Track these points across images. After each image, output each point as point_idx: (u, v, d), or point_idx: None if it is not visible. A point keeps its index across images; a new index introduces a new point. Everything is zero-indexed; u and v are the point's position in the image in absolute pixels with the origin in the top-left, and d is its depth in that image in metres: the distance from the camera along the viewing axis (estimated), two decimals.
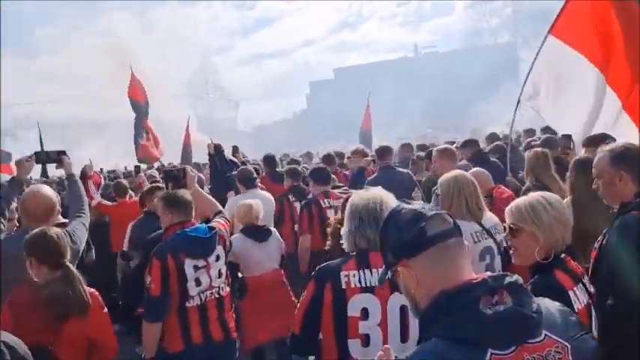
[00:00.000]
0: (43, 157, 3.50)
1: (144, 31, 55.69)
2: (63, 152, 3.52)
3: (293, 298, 4.31)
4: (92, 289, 2.64)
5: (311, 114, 63.81)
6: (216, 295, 3.14)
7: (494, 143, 6.72)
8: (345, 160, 8.45)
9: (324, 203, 4.81)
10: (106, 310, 2.67)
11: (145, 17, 63.02)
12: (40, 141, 12.47)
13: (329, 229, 2.89)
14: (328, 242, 2.90)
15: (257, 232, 4.21)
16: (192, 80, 56.12)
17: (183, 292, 3.00)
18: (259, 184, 5.89)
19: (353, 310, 2.07)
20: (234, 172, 5.81)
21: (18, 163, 3.38)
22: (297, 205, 5.41)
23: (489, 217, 3.09)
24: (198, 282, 3.04)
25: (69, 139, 33.00)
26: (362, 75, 60.12)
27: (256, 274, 4.15)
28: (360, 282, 2.08)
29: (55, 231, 2.63)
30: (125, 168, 15.00)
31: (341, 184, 5.89)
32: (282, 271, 4.37)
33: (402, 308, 2.02)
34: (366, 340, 2.05)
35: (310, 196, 5.17)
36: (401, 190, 4.58)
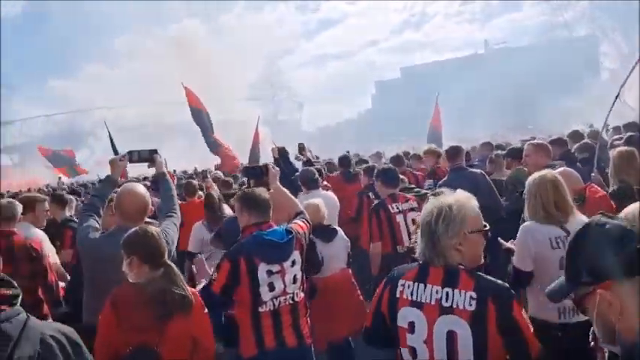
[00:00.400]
0: (135, 156, 3.46)
1: (212, 37, 57.94)
2: (155, 151, 3.51)
3: (361, 298, 4.25)
4: (193, 289, 2.59)
5: (377, 114, 63.40)
6: (290, 302, 3.01)
7: (583, 141, 6.23)
8: (413, 160, 8.35)
9: (392, 208, 4.70)
10: (206, 310, 2.60)
11: (213, 23, 65.55)
12: (111, 141, 13.34)
13: (414, 227, 2.78)
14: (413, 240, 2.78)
15: (324, 232, 4.16)
16: (257, 83, 57.64)
17: (255, 297, 2.89)
18: (325, 184, 5.90)
19: (402, 320, 2.03)
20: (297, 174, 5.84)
21: (112, 161, 3.37)
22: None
23: (579, 221, 2.79)
24: (271, 287, 2.92)
25: (144, 140, 34.98)
26: (430, 73, 58.99)
27: (325, 275, 4.08)
28: (411, 295, 2.02)
29: (154, 229, 2.60)
30: (195, 169, 15.62)
31: (412, 186, 5.75)
32: (350, 271, 4.31)
33: (450, 333, 1.91)
34: (413, 353, 2.00)
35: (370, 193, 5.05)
36: (473, 191, 4.35)
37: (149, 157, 3.47)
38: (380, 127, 52.80)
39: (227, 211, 5.33)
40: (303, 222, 3.24)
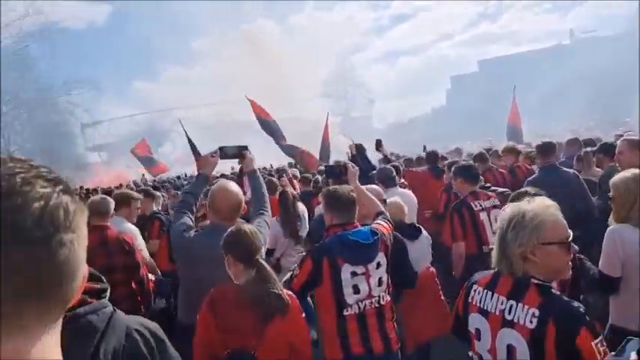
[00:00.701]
0: (225, 153, 3.41)
1: (284, 36, 59.12)
2: (245, 147, 3.46)
3: (443, 298, 4.11)
4: (289, 291, 2.52)
5: (451, 110, 61.46)
6: (376, 305, 2.91)
7: None
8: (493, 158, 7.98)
9: (475, 206, 4.49)
10: (303, 313, 2.51)
11: (285, 23, 66.88)
12: (188, 139, 13.95)
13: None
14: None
15: (409, 231, 4.08)
16: (329, 80, 57.89)
17: (339, 299, 2.82)
18: (402, 182, 5.90)
19: (471, 325, 2.05)
20: (374, 172, 5.82)
21: (203, 158, 3.37)
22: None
23: None
24: (356, 289, 2.84)
25: (221, 139, 36.36)
26: (510, 66, 56.10)
27: None
28: (480, 302, 2.01)
29: (248, 228, 2.56)
30: (271, 166, 15.99)
31: (487, 185, 5.50)
32: (434, 270, 4.21)
33: (510, 347, 1.87)
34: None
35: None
36: (565, 192, 4.10)
37: (239, 153, 3.43)
38: (455, 123, 51.14)
39: (300, 208, 5.43)
40: (386, 222, 3.12)
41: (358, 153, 6.22)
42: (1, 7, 37.63)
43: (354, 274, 2.82)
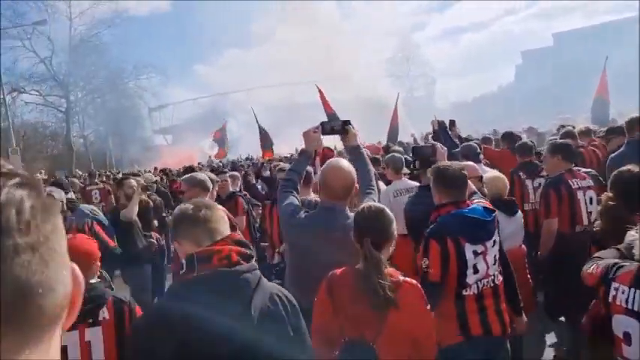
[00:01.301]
0: (328, 128, 3.26)
1: (344, 18, 58.55)
2: (347, 122, 3.31)
3: (528, 276, 4.03)
4: (411, 280, 2.34)
5: (521, 87, 58.62)
6: (492, 284, 2.80)
7: None
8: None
9: (574, 184, 4.37)
10: (428, 305, 2.31)
11: (344, 4, 66.02)
12: (256, 120, 14.33)
13: (599, 208, 2.57)
14: (597, 222, 2.63)
15: (507, 206, 4.03)
16: (391, 59, 56.91)
17: (461, 279, 2.71)
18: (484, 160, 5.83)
19: (617, 329, 1.86)
20: (458, 149, 5.75)
21: (305, 134, 3.23)
22: (529, 183, 5.32)
23: None
24: (475, 269, 2.74)
25: (280, 121, 37.12)
26: (587, 39, 52.43)
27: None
28: (626, 302, 1.81)
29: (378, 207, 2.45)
30: (335, 147, 16.12)
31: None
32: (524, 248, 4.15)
33: None
34: None
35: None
36: None
37: (341, 128, 3.27)
38: (525, 101, 48.81)
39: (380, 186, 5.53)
40: (484, 201, 3.03)
41: (440, 130, 6.13)
42: None
43: (475, 253, 2.73)
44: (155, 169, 17.78)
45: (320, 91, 12.94)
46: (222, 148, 19.77)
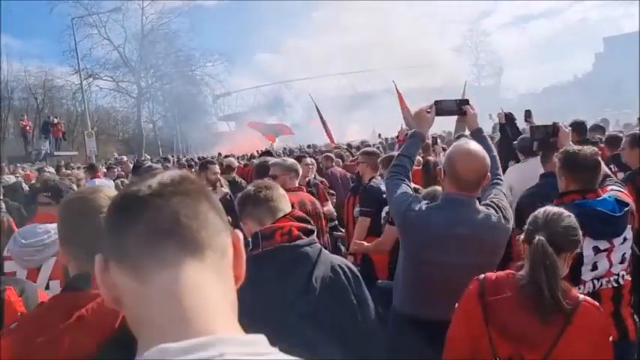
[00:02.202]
0: (443, 108, 2.93)
1: (408, 6, 57.42)
2: (465, 101, 2.98)
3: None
4: (593, 301, 1.94)
5: (601, 76, 55.16)
6: (614, 284, 2.49)
7: None
8: None
9: None
10: (611, 337, 1.94)
11: None
12: (317, 110, 14.66)
13: None
14: None
15: None
16: (459, 46, 55.43)
17: (574, 275, 2.38)
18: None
19: None
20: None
21: (417, 115, 2.92)
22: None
23: None
24: (594, 266, 2.46)
25: (339, 110, 37.30)
26: None
27: None
28: None
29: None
30: (379, 135, 16.22)
31: None
32: None
33: None
34: None
35: None
36: None
37: (458, 109, 2.94)
38: (603, 92, 46.00)
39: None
40: (625, 189, 2.74)
41: (508, 122, 5.99)
42: None
43: (596, 249, 2.45)
44: (219, 154, 18.57)
45: (396, 87, 13.02)
46: (271, 134, 20.74)
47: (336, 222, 6.00)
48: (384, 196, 4.45)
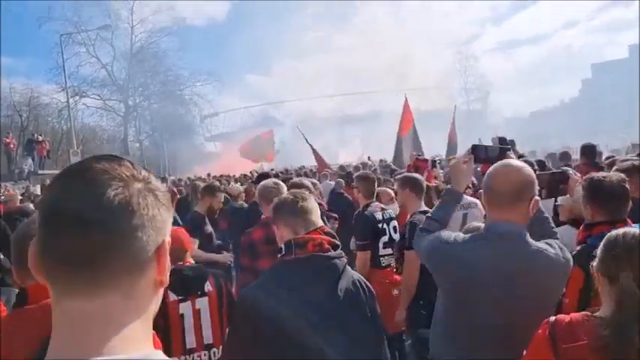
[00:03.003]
0: (482, 154, 2.60)
1: (398, 27, 58.63)
2: (508, 148, 2.65)
3: None
4: None
5: (589, 101, 56.41)
6: None
7: None
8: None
9: None
10: None
11: (397, 15, 66.41)
12: (306, 140, 14.87)
13: None
14: None
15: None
16: (445, 70, 56.38)
17: None
18: None
19: None
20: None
21: (454, 168, 2.59)
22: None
23: None
24: None
25: (333, 131, 37.65)
26: None
27: None
28: None
29: None
30: (368, 158, 16.51)
31: None
32: None
33: None
34: None
35: None
36: None
37: (500, 155, 2.52)
38: (591, 116, 46.96)
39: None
40: None
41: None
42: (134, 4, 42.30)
43: None
44: (208, 175, 18.56)
45: (406, 100, 13.09)
46: (257, 158, 20.88)
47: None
48: (380, 225, 4.51)
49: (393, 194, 5.74)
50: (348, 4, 66.28)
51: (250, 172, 16.45)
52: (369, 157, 17.43)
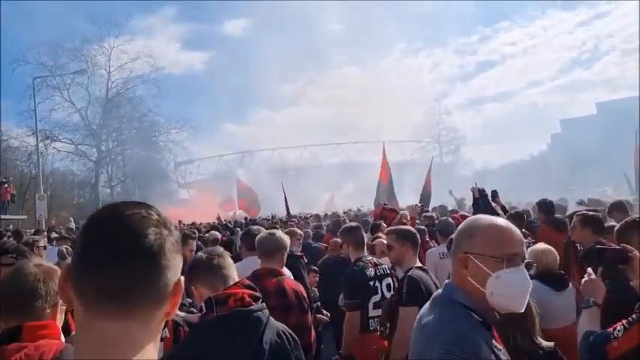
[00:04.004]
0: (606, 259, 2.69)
1: (370, 81, 60.63)
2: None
3: None
4: None
5: (556, 156, 58.23)
6: None
7: None
8: None
9: None
10: None
11: (371, 69, 68.97)
12: (285, 199, 15.11)
13: None
14: None
15: (556, 280, 3.92)
16: (420, 124, 57.94)
17: None
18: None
19: None
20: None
21: (589, 285, 2.60)
22: None
23: None
24: None
25: (307, 181, 37.91)
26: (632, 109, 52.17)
27: (557, 326, 3.67)
28: None
29: None
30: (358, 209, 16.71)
31: None
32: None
33: None
34: None
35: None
36: None
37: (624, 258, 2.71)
38: (560, 171, 48.34)
39: None
40: None
41: (481, 197, 6.17)
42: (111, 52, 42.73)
43: None
44: (180, 222, 18.28)
45: (384, 151, 13.40)
46: (253, 207, 20.93)
47: (319, 303, 5.41)
48: (372, 283, 4.13)
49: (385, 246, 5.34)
50: (324, 59, 68.62)
51: (225, 220, 16.40)
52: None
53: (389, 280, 4.27)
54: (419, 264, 3.94)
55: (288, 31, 66.33)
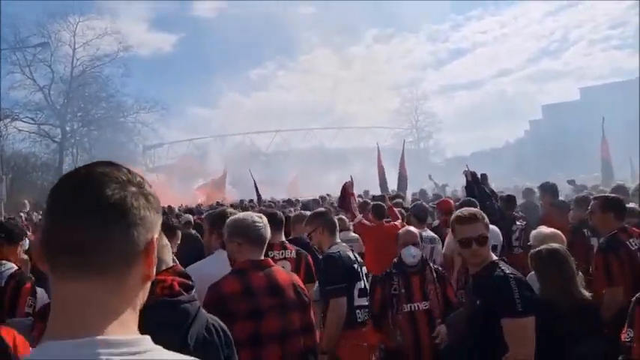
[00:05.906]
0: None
1: (342, 67, 60.42)
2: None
3: None
4: None
5: (536, 142, 59.04)
6: None
7: None
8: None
9: (632, 244, 4.05)
10: None
11: (343, 54, 68.74)
12: (255, 184, 14.75)
13: None
14: None
15: None
16: (396, 109, 57.94)
17: None
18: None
19: None
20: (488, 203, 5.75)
21: None
22: (594, 242, 4.99)
23: None
24: None
25: (278, 166, 37.53)
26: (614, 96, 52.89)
27: None
28: None
29: None
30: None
31: None
32: None
33: None
34: None
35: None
36: None
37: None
38: (538, 156, 48.99)
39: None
40: None
41: (474, 180, 6.10)
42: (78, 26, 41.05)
43: None
44: None
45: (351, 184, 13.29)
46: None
47: None
48: (355, 266, 3.82)
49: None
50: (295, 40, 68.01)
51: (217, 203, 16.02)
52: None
53: (365, 269, 4.04)
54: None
55: (260, 13, 65.13)
